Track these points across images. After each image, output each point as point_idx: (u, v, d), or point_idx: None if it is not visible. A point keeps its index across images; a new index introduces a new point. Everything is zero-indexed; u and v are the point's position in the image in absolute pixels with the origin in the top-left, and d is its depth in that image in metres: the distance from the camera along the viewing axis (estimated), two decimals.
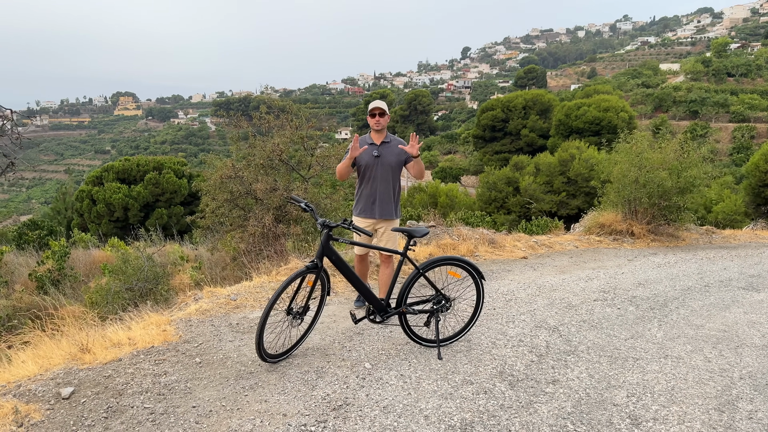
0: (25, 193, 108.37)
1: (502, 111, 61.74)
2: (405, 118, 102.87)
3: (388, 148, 5.29)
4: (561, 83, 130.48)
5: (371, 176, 5.26)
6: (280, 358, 4.32)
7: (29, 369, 4.05)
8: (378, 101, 5.25)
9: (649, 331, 5.68)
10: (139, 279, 9.50)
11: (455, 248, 8.66)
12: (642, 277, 8.12)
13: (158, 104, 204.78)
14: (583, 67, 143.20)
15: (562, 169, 36.91)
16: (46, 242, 18.60)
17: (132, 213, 28.83)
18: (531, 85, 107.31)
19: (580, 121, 53.12)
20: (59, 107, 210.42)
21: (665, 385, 4.35)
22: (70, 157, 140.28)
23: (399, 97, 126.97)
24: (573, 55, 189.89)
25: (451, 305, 4.83)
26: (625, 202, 11.08)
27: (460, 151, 78.45)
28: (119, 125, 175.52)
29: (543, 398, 4.02)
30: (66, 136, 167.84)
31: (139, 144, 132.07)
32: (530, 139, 59.68)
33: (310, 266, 4.24)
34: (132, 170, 30.40)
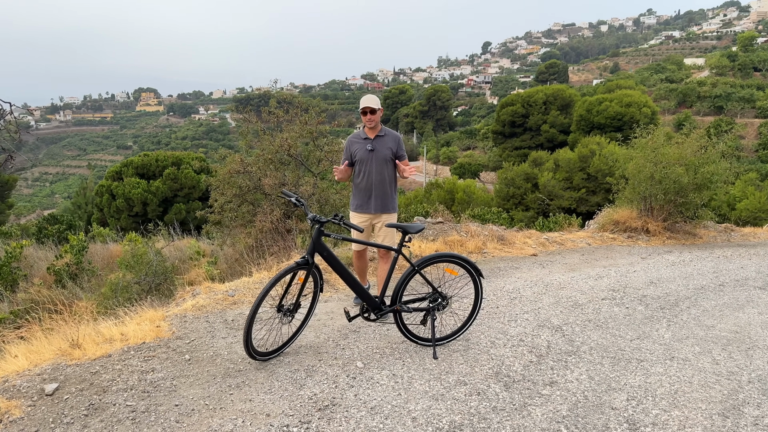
0: (48, 188, 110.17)
1: (522, 106, 61.13)
2: (424, 113, 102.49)
3: (382, 141, 5.26)
4: (583, 78, 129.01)
5: (367, 171, 5.23)
6: (271, 356, 4.25)
7: (20, 364, 4.03)
8: (367, 98, 5.16)
9: (657, 331, 5.50)
10: (147, 274, 9.52)
11: (463, 245, 8.53)
12: (654, 275, 7.91)
13: (179, 100, 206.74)
14: (605, 61, 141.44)
15: (582, 165, 36.42)
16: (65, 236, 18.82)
17: (151, 208, 29.08)
18: (552, 80, 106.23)
19: (601, 117, 52.40)
20: (82, 103, 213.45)
21: (668, 389, 4.19)
22: (92, 152, 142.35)
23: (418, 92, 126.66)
24: (595, 50, 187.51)
25: (447, 303, 4.71)
26: (640, 199, 10.83)
27: (480, 146, 77.95)
28: (141, 121, 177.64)
29: (538, 400, 3.89)
30: (89, 131, 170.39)
31: (160, 139, 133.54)
32: (551, 134, 59.03)
33: (300, 262, 4.15)
34: (151, 165, 30.66)
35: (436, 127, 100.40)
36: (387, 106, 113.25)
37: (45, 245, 18.21)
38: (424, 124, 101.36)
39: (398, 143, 5.33)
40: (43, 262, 15.27)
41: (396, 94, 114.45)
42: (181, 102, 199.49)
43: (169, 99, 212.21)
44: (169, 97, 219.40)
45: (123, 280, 9.45)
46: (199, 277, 11.65)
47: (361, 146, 5.23)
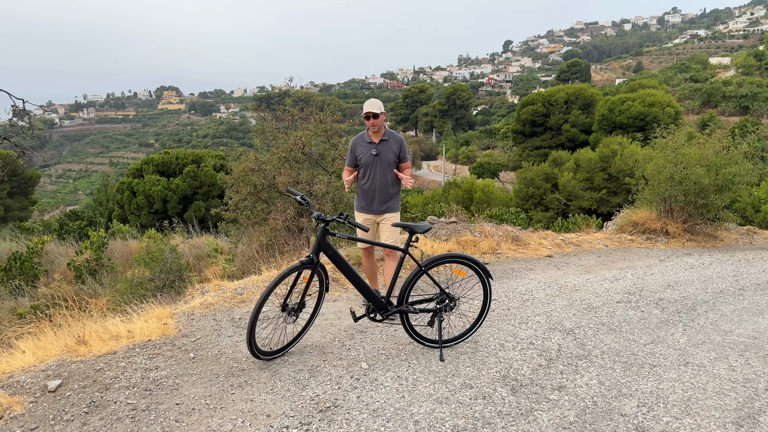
0: (71, 185, 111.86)
1: (542, 105, 60.57)
2: (443, 112, 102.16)
3: (386, 145, 5.34)
4: (605, 77, 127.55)
5: (372, 174, 5.32)
6: (275, 355, 4.21)
7: (26, 360, 4.05)
8: (370, 103, 5.21)
9: (672, 336, 5.37)
10: (162, 270, 9.57)
11: (476, 245, 8.43)
12: (672, 278, 7.74)
13: (201, 98, 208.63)
14: (628, 60, 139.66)
15: (603, 166, 35.97)
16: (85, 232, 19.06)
17: (171, 205, 29.34)
18: (574, 79, 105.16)
19: (623, 117, 51.74)
20: (105, 101, 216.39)
21: (681, 395, 4.07)
22: (115, 149, 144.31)
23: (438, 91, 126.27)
24: (618, 49, 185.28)
25: (455, 305, 4.64)
26: (660, 200, 10.62)
27: (499, 146, 77.47)
28: (163, 119, 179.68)
29: (545, 405, 3.80)
30: (111, 129, 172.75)
31: (181, 137, 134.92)
32: (572, 134, 58.42)
33: (305, 261, 4.12)
34: (171, 163, 30.92)
35: (456, 127, 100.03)
36: (406, 105, 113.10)
37: (66, 241, 18.46)
38: (443, 123, 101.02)
39: (401, 146, 5.41)
40: (64, 258, 15.47)
41: (415, 93, 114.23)
42: (202, 100, 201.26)
43: (190, 97, 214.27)
44: (191, 95, 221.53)
45: (138, 276, 9.52)
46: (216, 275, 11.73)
47: (366, 150, 5.31)
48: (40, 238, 16.07)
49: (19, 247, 16.11)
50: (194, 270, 12.37)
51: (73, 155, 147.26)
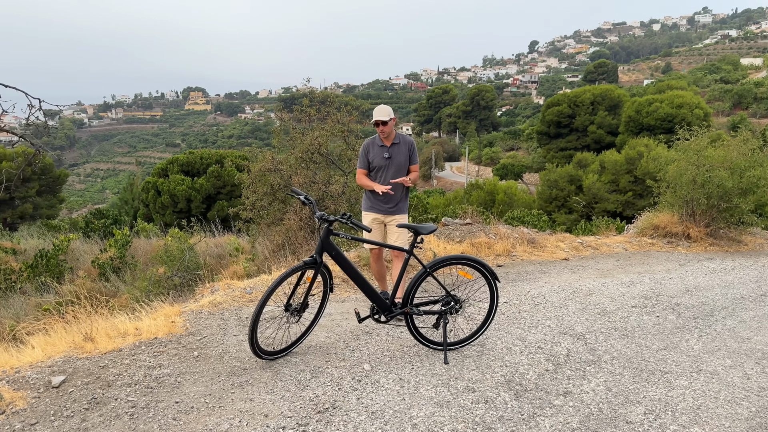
0: (99, 184, 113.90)
1: (568, 106, 59.88)
2: (467, 113, 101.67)
3: (397, 149, 5.45)
4: (633, 78, 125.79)
5: (383, 177, 5.41)
6: (278, 355, 4.22)
7: (35, 355, 4.12)
8: (379, 110, 5.31)
9: (687, 342, 5.24)
10: (179, 269, 9.68)
11: (490, 247, 8.35)
12: (691, 283, 7.57)
13: (226, 99, 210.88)
14: (657, 61, 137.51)
15: (629, 168, 35.42)
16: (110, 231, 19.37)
17: (195, 204, 29.66)
18: (601, 79, 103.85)
19: (651, 118, 50.93)
20: (133, 101, 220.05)
21: (691, 403, 3.97)
22: (142, 149, 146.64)
23: (462, 92, 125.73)
24: (647, 50, 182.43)
25: (461, 307, 4.59)
26: (682, 203, 10.41)
27: (524, 147, 76.86)
28: (189, 119, 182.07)
29: (548, 411, 3.73)
30: (139, 129, 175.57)
31: (207, 138, 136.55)
32: (598, 135, 57.66)
33: (308, 261, 4.11)
34: (196, 163, 31.28)
35: (480, 128, 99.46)
36: (430, 106, 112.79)
37: (91, 239, 18.79)
38: (467, 124, 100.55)
39: (412, 149, 5.51)
40: (89, 256, 15.74)
41: (439, 93, 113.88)
42: (228, 101, 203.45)
43: (216, 98, 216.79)
44: (217, 96, 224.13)
45: (155, 275, 9.64)
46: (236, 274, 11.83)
47: (378, 153, 5.41)
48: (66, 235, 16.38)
49: (45, 245, 16.42)
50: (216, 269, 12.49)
51: (101, 154, 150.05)
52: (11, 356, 4.11)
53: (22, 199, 26.08)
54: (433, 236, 8.24)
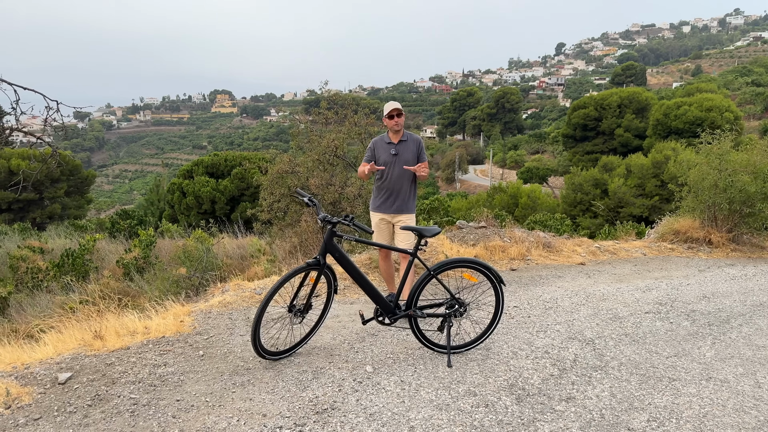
0: (127, 185, 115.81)
1: (594, 109, 59.17)
2: (492, 116, 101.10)
3: (405, 146, 5.47)
4: (662, 81, 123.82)
5: (389, 173, 5.42)
6: (282, 355, 4.25)
7: (46, 352, 4.22)
8: (393, 102, 5.42)
9: (699, 349, 5.15)
10: (197, 269, 9.81)
11: (505, 251, 8.31)
12: (709, 289, 7.42)
13: (252, 102, 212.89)
14: (686, 64, 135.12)
15: (656, 172, 34.85)
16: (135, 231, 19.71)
17: (219, 206, 30.01)
18: (629, 82, 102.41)
19: (679, 121, 50.06)
20: (161, 103, 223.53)
21: (697, 411, 3.90)
22: (169, 151, 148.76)
23: (487, 94, 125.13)
24: (676, 52, 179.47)
25: (465, 310, 4.58)
26: (703, 208, 10.21)
27: (549, 150, 76.13)
28: (216, 122, 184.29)
29: (549, 416, 3.70)
30: (166, 131, 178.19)
31: (233, 140, 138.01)
32: (625, 139, 56.86)
33: (311, 263, 4.14)
34: (220, 165, 31.64)
35: (504, 130, 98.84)
36: (454, 108, 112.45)
37: (117, 239, 19.13)
38: (491, 126, 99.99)
39: (420, 147, 5.53)
40: (114, 255, 16.03)
41: (463, 96, 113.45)
42: (253, 104, 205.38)
43: (242, 101, 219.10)
44: (243, 99, 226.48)
45: (174, 275, 9.78)
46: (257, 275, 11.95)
47: (385, 150, 5.44)
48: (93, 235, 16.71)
49: (72, 244, 16.75)
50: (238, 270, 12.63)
51: (129, 156, 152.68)
52: (23, 353, 4.22)
53: (50, 200, 26.72)
54: (446, 239, 8.22)
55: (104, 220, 26.90)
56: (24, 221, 23.15)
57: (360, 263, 7.23)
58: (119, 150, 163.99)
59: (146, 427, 3.25)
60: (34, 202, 26.19)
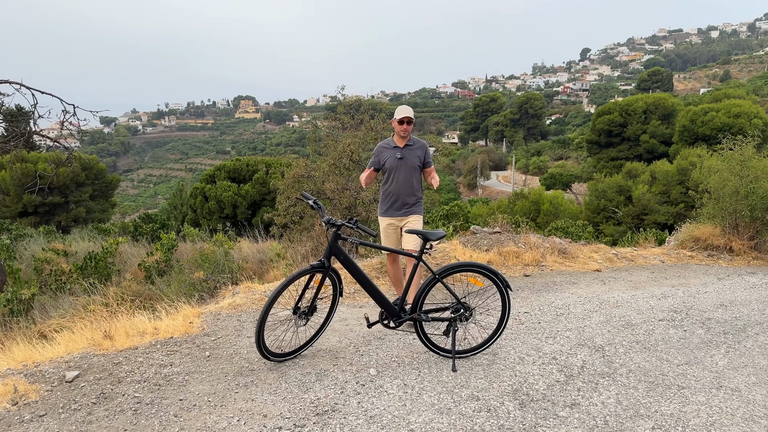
0: (152, 189, 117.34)
1: (619, 115, 58.50)
2: (515, 121, 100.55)
3: (410, 150, 5.46)
4: (689, 87, 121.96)
5: (395, 178, 5.42)
6: (287, 357, 4.29)
7: (57, 351, 4.31)
8: (405, 108, 5.41)
9: (712, 357, 5.05)
10: (213, 272, 9.92)
11: (519, 256, 8.25)
12: (728, 297, 7.28)
13: (275, 108, 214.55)
14: (715, 69, 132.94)
15: (681, 179, 34.29)
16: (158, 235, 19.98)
17: (240, 210, 30.28)
18: (655, 88, 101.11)
19: (706, 128, 49.23)
20: (186, 109, 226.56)
21: (705, 420, 3.83)
22: (193, 156, 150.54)
23: (510, 100, 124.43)
24: (704, 57, 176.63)
25: (471, 315, 4.56)
26: (724, 215, 10.03)
27: (573, 156, 75.41)
28: (239, 127, 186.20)
29: (551, 422, 3.67)
30: (191, 136, 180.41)
31: (256, 145, 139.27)
32: (650, 145, 56.08)
33: (315, 265, 4.17)
34: (242, 170, 31.95)
35: (527, 136, 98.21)
36: (477, 114, 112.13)
37: (140, 243, 19.41)
38: (514, 132, 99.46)
39: (426, 152, 5.53)
40: (136, 259, 16.29)
41: (486, 102, 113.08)
42: (276, 109, 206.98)
43: (266, 106, 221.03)
44: (266, 104, 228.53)
45: (191, 278, 9.91)
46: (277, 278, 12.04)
47: (391, 154, 5.43)
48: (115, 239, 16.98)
49: (95, 248, 17.05)
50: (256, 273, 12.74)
51: (154, 161, 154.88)
52: (36, 352, 4.31)
53: (76, 203, 27.25)
54: (459, 244, 8.20)
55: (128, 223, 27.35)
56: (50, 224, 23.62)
57: (371, 267, 7.24)
58: (144, 155, 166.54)
59: (148, 425, 3.30)
60: (60, 206, 26.72)
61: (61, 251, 17.17)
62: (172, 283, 10.60)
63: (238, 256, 12.73)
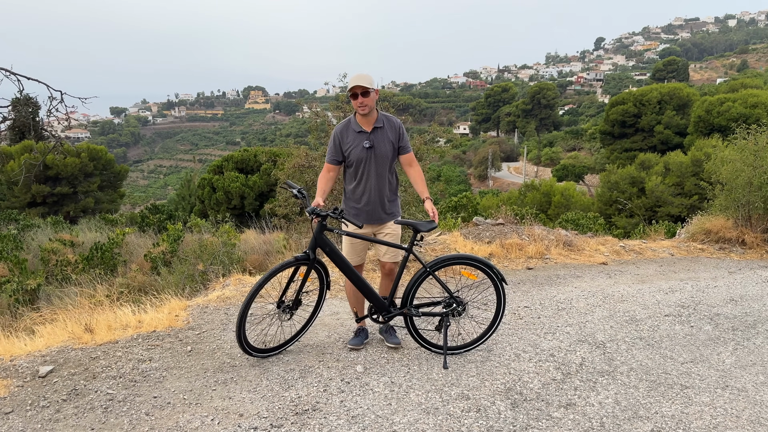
0: (162, 180, 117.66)
1: (633, 105, 57.72)
2: (527, 112, 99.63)
3: (381, 134, 4.18)
4: (706, 77, 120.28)
5: (365, 174, 4.19)
6: (270, 353, 4.13)
7: (36, 344, 4.18)
8: (359, 76, 4.02)
9: (718, 355, 4.83)
10: (213, 263, 9.80)
11: (522, 249, 8.04)
12: (738, 292, 7.03)
13: (285, 98, 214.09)
14: (732, 59, 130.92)
15: (696, 170, 33.70)
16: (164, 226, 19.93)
17: (248, 201, 30.21)
18: (671, 78, 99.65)
19: (722, 118, 48.41)
20: (195, 100, 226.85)
21: (707, 422, 3.62)
22: (203, 147, 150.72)
23: (522, 90, 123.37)
24: (721, 46, 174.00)
25: (464, 309, 4.37)
26: (737, 207, 9.73)
27: (586, 148, 74.61)
28: (249, 118, 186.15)
29: (544, 423, 3.48)
30: (201, 127, 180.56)
31: (266, 136, 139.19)
32: (665, 136, 55.31)
33: (299, 257, 4.00)
34: (249, 160, 31.87)
35: (540, 127, 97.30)
36: (488, 104, 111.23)
37: (146, 233, 19.38)
38: (526, 123, 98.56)
39: (400, 133, 4.26)
40: (142, 249, 16.24)
41: (498, 92, 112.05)
42: (286, 100, 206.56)
43: (275, 97, 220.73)
44: (276, 95, 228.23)
45: (189, 269, 9.79)
46: None
47: (356, 142, 4.15)
48: (122, 229, 16.94)
49: (102, 238, 17.01)
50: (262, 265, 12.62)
51: (164, 152, 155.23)
52: (13, 345, 4.18)
53: (84, 194, 27.31)
54: (461, 236, 8.00)
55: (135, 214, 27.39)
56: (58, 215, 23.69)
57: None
58: (154, 146, 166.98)
59: (117, 424, 3.15)
60: (68, 196, 26.81)
61: (67, 242, 17.16)
62: (171, 275, 10.50)
63: (245, 248, 12.61)
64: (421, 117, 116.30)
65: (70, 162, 24.51)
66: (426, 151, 10.73)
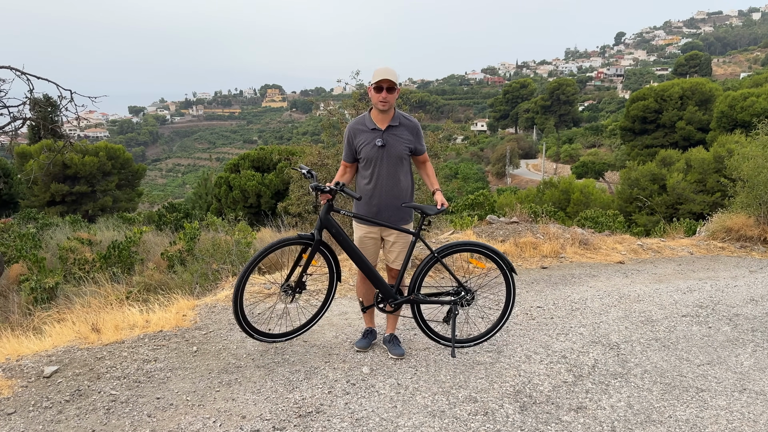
0: (180, 179, 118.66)
1: (654, 101, 56.85)
2: (546, 108, 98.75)
3: (396, 133, 4.03)
4: (729, 71, 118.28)
5: (376, 173, 4.03)
6: (276, 339, 4.11)
7: (44, 344, 4.19)
8: (386, 69, 3.89)
9: (737, 357, 4.69)
10: (225, 262, 9.81)
11: (536, 248, 7.92)
12: (759, 292, 6.84)
13: (302, 96, 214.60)
14: (756, 53, 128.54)
15: (718, 167, 33.10)
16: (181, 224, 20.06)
17: (264, 200, 30.31)
18: (693, 73, 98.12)
19: (746, 114, 47.52)
20: (213, 98, 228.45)
21: (723, 426, 3.50)
22: (221, 145, 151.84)
23: (541, 86, 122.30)
24: (745, 40, 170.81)
25: (473, 299, 4.28)
26: (758, 204, 9.51)
27: (606, 144, 73.75)
28: (266, 116, 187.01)
29: (553, 427, 3.39)
30: (218, 125, 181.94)
31: (282, 134, 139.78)
32: (686, 132, 54.41)
33: (303, 236, 3.95)
34: (266, 159, 31.98)
35: (559, 123, 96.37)
36: (506, 101, 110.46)
37: (164, 232, 19.52)
38: (545, 119, 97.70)
39: (417, 135, 4.13)
40: (159, 248, 16.36)
41: (516, 88, 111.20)
42: (303, 98, 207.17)
43: (292, 95, 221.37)
44: (293, 93, 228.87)
45: (203, 268, 9.82)
46: None
47: (369, 140, 4.01)
48: (140, 228, 17.07)
49: (119, 237, 17.16)
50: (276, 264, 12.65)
51: (182, 150, 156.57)
52: (21, 344, 4.19)
53: (102, 192, 27.63)
54: (474, 234, 7.90)
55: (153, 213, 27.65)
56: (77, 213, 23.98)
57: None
58: (172, 144, 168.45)
59: (118, 425, 3.13)
60: (87, 195, 27.13)
61: (85, 240, 17.35)
62: (186, 273, 10.54)
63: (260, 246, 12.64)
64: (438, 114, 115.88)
65: (89, 161, 24.79)
66: (440, 148, 10.65)
